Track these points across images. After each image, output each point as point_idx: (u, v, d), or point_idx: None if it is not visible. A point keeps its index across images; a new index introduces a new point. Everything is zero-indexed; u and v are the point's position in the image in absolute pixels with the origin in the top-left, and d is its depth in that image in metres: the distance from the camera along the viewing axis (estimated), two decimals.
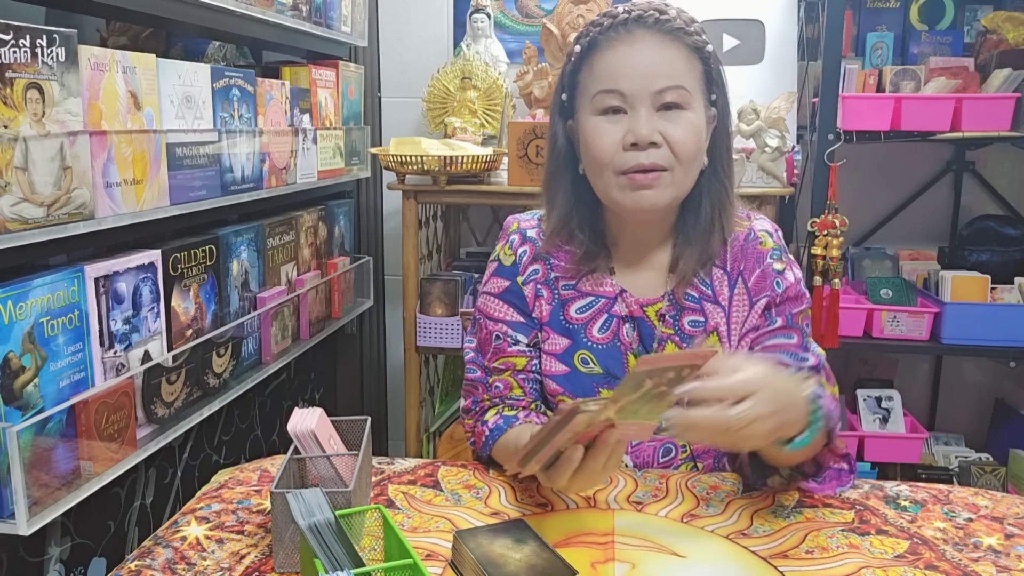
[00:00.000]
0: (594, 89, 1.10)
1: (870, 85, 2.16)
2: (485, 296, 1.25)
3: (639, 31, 1.09)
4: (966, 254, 2.33)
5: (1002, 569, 0.93)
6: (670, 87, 1.07)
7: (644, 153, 1.07)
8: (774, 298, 1.18)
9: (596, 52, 1.11)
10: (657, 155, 1.07)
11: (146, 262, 1.35)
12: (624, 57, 1.09)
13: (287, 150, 1.82)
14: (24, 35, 1.05)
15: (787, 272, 1.19)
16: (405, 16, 2.52)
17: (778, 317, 1.18)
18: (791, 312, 1.18)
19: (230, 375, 1.63)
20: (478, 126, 2.29)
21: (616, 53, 1.09)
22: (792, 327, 1.18)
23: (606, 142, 1.09)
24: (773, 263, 1.18)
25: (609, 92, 1.09)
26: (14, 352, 1.08)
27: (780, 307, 1.18)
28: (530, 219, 1.26)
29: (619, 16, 1.11)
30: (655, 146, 1.07)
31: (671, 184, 1.09)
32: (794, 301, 1.19)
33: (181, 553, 0.95)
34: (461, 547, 0.90)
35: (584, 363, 1.18)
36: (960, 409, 2.55)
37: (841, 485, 1.12)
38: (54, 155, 1.11)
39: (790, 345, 1.17)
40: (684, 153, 1.08)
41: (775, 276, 1.18)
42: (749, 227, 1.20)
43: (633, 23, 1.10)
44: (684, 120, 1.08)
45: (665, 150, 1.08)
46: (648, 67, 1.07)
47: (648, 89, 1.07)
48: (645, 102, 1.07)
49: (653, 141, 1.07)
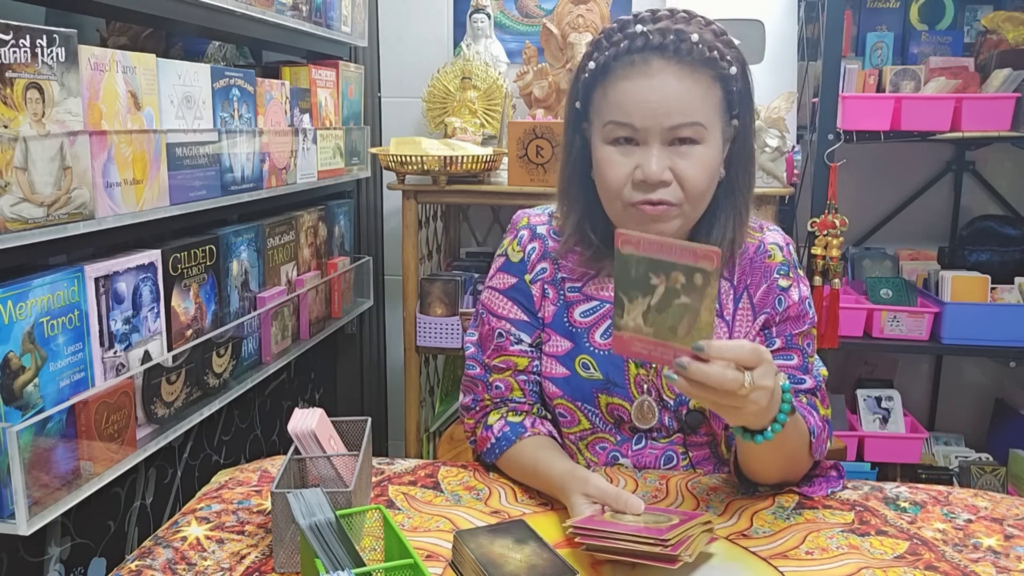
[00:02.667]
0: (606, 117, 1.07)
1: (870, 85, 2.16)
2: (490, 291, 1.24)
3: (657, 63, 1.04)
4: (966, 254, 2.33)
5: (1002, 570, 0.93)
6: (684, 124, 1.04)
7: (653, 192, 1.05)
8: (773, 316, 1.16)
9: (611, 78, 1.07)
10: (666, 192, 1.05)
11: (146, 262, 1.35)
12: (639, 91, 1.04)
13: (287, 150, 1.82)
14: (24, 35, 1.05)
15: (792, 289, 1.16)
16: (405, 16, 2.52)
17: (777, 338, 1.16)
18: (791, 332, 1.16)
19: (230, 375, 1.63)
20: (478, 126, 2.29)
21: (631, 85, 1.04)
22: (791, 348, 1.16)
23: (616, 175, 1.07)
24: (779, 279, 1.16)
25: (621, 124, 1.05)
26: (14, 352, 1.08)
27: (780, 326, 1.16)
28: (540, 215, 1.24)
29: (637, 40, 1.04)
30: (664, 185, 1.05)
31: (679, 217, 1.08)
32: (795, 321, 1.16)
33: (181, 553, 0.95)
34: (461, 547, 0.90)
35: (585, 368, 1.18)
36: (960, 409, 2.55)
37: (832, 488, 1.12)
38: (54, 155, 1.11)
39: (787, 367, 1.15)
40: (693, 190, 1.06)
41: (779, 293, 1.16)
42: (760, 239, 1.18)
43: (651, 53, 1.04)
44: (695, 156, 1.05)
45: (674, 187, 1.05)
46: (663, 103, 1.03)
47: (661, 125, 1.04)
48: (656, 138, 1.04)
49: (663, 180, 1.05)
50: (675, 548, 0.86)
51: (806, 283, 1.19)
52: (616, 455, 1.19)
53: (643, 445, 1.19)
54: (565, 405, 1.19)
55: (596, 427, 1.19)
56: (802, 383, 1.14)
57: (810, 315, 1.18)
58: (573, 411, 1.19)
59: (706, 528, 0.94)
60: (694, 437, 1.18)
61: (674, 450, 1.19)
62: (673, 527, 0.89)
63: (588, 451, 1.21)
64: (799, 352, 1.16)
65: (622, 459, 1.19)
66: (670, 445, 1.19)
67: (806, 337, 1.17)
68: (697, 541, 0.90)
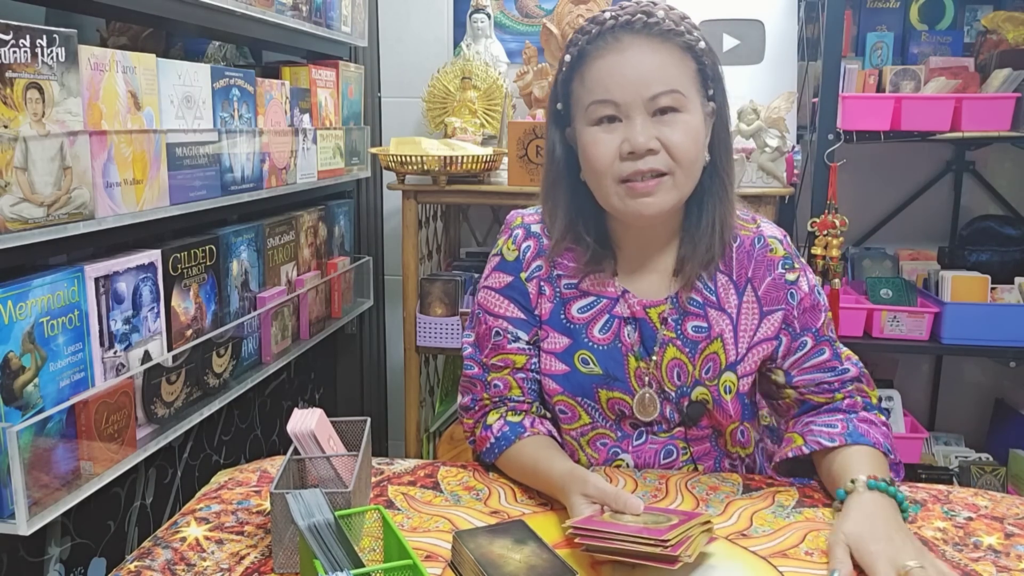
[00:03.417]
0: (587, 100, 1.09)
1: (870, 85, 2.16)
2: (486, 291, 1.24)
3: (627, 37, 1.07)
4: (966, 254, 2.33)
5: (1002, 569, 0.93)
6: (664, 92, 1.06)
7: (642, 160, 1.06)
8: (791, 311, 1.17)
9: (586, 62, 1.09)
10: (655, 161, 1.06)
11: (146, 262, 1.35)
12: (614, 66, 1.07)
13: (287, 150, 1.82)
14: (24, 35, 1.05)
15: (801, 280, 1.18)
16: (405, 16, 2.52)
17: (806, 337, 1.17)
18: (815, 327, 1.17)
19: (230, 375, 1.63)
20: (478, 126, 2.29)
21: (606, 62, 1.07)
22: (821, 342, 1.18)
23: (603, 152, 1.08)
24: (785, 273, 1.17)
25: (602, 103, 1.07)
26: (14, 352, 1.08)
27: (801, 320, 1.17)
28: (534, 214, 1.25)
29: (606, 23, 1.08)
30: (652, 153, 1.06)
31: (672, 188, 1.08)
32: (812, 312, 1.17)
33: (181, 554, 0.95)
34: (461, 547, 0.90)
35: (584, 363, 1.18)
36: (960, 409, 2.55)
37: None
38: (54, 155, 1.11)
39: (824, 362, 1.17)
40: (683, 156, 1.07)
41: (789, 287, 1.17)
42: (757, 232, 1.19)
43: (620, 29, 1.08)
44: (680, 123, 1.07)
45: (663, 155, 1.07)
46: (639, 74, 1.06)
47: (641, 96, 1.06)
48: (639, 110, 1.06)
49: (650, 148, 1.06)
50: (675, 548, 0.86)
51: (810, 271, 1.21)
52: (617, 451, 1.20)
53: (644, 440, 1.19)
54: (565, 401, 1.19)
55: (596, 423, 1.19)
56: (846, 372, 1.17)
57: (823, 303, 1.20)
58: (573, 407, 1.19)
59: (706, 528, 0.94)
60: (695, 430, 1.19)
61: (675, 444, 1.20)
62: (673, 527, 0.89)
63: (589, 447, 1.21)
64: (828, 344, 1.18)
65: (623, 454, 1.19)
66: (671, 439, 1.19)
67: (828, 325, 1.20)
68: (697, 541, 0.90)
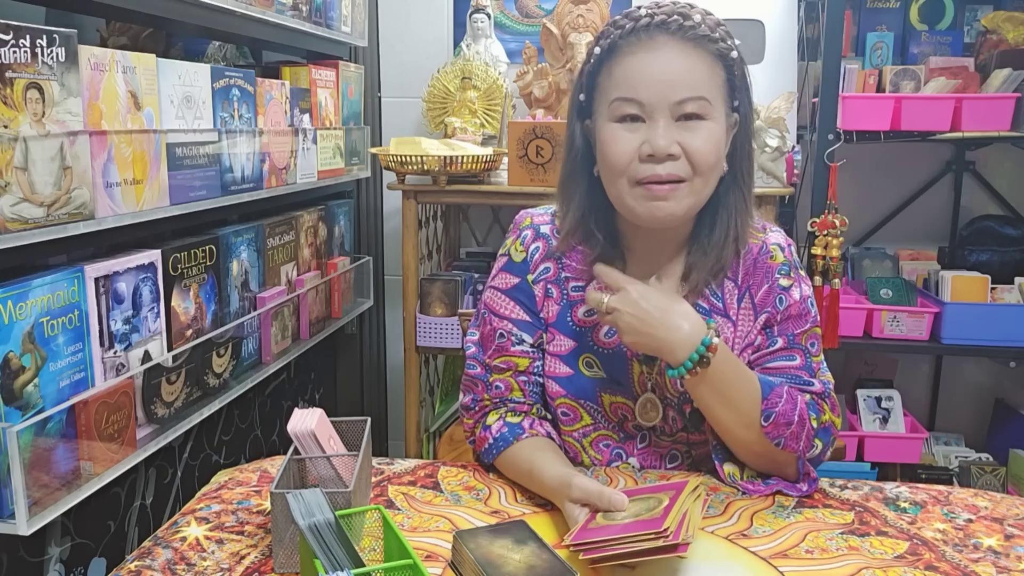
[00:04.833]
0: (612, 95, 1.08)
1: (870, 85, 2.16)
2: (492, 291, 1.23)
3: (661, 37, 1.05)
4: (966, 254, 2.33)
5: (1002, 570, 0.93)
6: (690, 98, 1.04)
7: (661, 165, 1.05)
8: (774, 315, 1.16)
9: (616, 56, 1.08)
10: (674, 166, 1.05)
11: (146, 262, 1.35)
12: (644, 65, 1.05)
13: (287, 150, 1.82)
14: (24, 35, 1.05)
15: (793, 289, 1.16)
16: (405, 16, 2.52)
17: (779, 337, 1.16)
18: (793, 332, 1.16)
19: (230, 375, 1.63)
20: (478, 126, 2.29)
21: (636, 60, 1.06)
22: (794, 348, 1.15)
23: (622, 150, 1.07)
24: (780, 279, 1.16)
25: (627, 100, 1.06)
26: (14, 352, 1.08)
27: (781, 325, 1.16)
28: (544, 215, 1.24)
29: (641, 20, 1.06)
30: (672, 158, 1.05)
31: (689, 195, 1.07)
32: (797, 320, 1.16)
33: (181, 554, 0.95)
34: (461, 547, 0.90)
35: (588, 366, 1.18)
36: (960, 409, 2.55)
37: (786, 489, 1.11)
38: (54, 155, 1.11)
39: (791, 367, 1.15)
40: (702, 164, 1.06)
41: (779, 292, 1.16)
42: (763, 240, 1.18)
43: (655, 29, 1.06)
44: (703, 130, 1.05)
45: (683, 161, 1.05)
46: (669, 77, 1.04)
47: (668, 99, 1.04)
48: (664, 112, 1.05)
49: (671, 153, 1.05)
50: (675, 535, 0.85)
51: (808, 283, 1.19)
52: (620, 452, 1.20)
53: (646, 444, 1.19)
54: (568, 404, 1.19)
55: (598, 424, 1.19)
56: (809, 385, 1.14)
57: (812, 314, 1.17)
58: (576, 408, 1.19)
59: (697, 495, 0.93)
60: (696, 436, 1.18)
61: (677, 449, 1.19)
62: (667, 510, 0.88)
63: (592, 448, 1.20)
64: (801, 352, 1.16)
65: (629, 458, 1.19)
66: (673, 444, 1.19)
67: (809, 337, 1.17)
68: (693, 516, 0.89)
